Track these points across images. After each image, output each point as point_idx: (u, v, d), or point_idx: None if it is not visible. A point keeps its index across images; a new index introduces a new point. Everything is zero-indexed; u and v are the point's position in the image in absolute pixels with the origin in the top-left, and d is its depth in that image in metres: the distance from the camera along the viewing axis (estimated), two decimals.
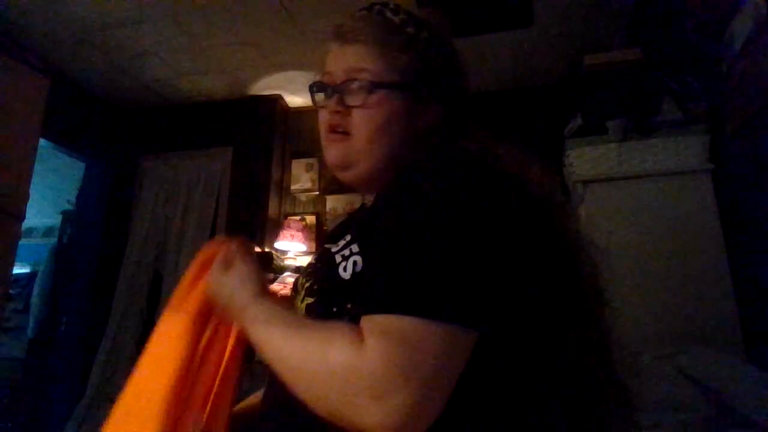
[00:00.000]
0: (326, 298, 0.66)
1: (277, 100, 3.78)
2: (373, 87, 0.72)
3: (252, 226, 3.54)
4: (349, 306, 0.62)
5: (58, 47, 3.20)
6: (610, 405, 0.65)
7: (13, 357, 4.21)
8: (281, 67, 3.43)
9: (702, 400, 1.19)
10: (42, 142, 3.00)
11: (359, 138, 0.72)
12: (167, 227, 3.68)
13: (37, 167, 2.81)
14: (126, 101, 3.90)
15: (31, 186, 2.76)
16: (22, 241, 2.80)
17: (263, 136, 3.73)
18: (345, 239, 0.70)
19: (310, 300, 0.67)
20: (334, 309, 0.63)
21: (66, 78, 3.52)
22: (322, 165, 3.73)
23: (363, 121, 0.72)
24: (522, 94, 3.48)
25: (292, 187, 3.74)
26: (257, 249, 3.37)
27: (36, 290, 4.21)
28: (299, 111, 3.92)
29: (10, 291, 3.89)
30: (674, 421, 1.15)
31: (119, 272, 3.60)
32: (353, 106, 0.72)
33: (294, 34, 3.07)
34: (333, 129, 0.75)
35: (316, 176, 3.72)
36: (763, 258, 1.55)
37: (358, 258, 0.65)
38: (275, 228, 3.55)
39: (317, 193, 3.70)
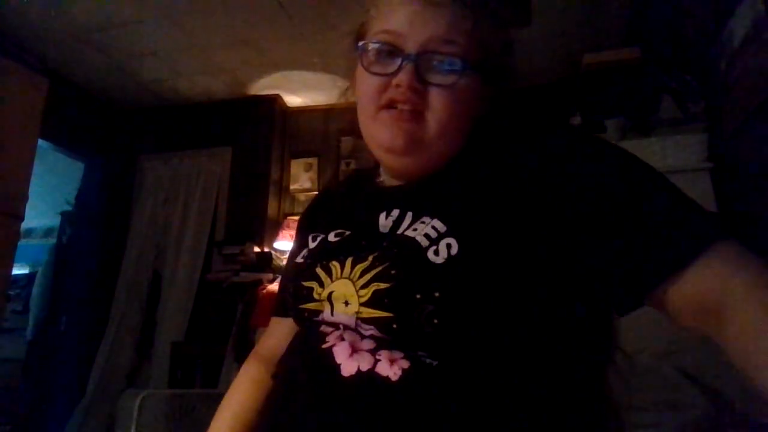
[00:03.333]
0: (409, 283, 0.57)
1: (276, 99, 3.77)
2: (466, 67, 0.61)
3: (251, 226, 3.54)
4: (437, 294, 0.55)
5: (57, 47, 3.20)
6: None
7: (12, 358, 4.20)
8: (280, 66, 3.43)
9: (702, 400, 1.19)
10: (41, 142, 2.99)
11: (436, 121, 0.62)
12: (166, 227, 3.68)
13: (36, 168, 2.80)
14: (125, 101, 3.90)
15: (30, 186, 2.75)
16: (22, 242, 2.79)
17: (262, 136, 3.73)
18: (407, 214, 0.63)
19: (380, 285, 0.58)
20: (418, 296, 0.55)
21: (65, 78, 3.52)
22: (321, 164, 3.73)
23: (445, 104, 0.61)
24: (521, 93, 3.47)
25: (291, 187, 3.74)
26: (256, 249, 3.38)
27: (35, 291, 4.21)
28: (298, 111, 3.92)
29: (9, 292, 3.89)
30: (674, 421, 1.15)
31: (119, 273, 3.60)
32: (438, 85, 0.61)
33: (293, 34, 3.06)
34: (394, 104, 0.63)
35: (315, 176, 3.72)
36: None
37: (452, 241, 0.57)
38: (274, 228, 3.55)
39: (316, 192, 3.69)
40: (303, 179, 3.74)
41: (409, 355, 0.57)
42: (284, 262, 3.30)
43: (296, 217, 3.54)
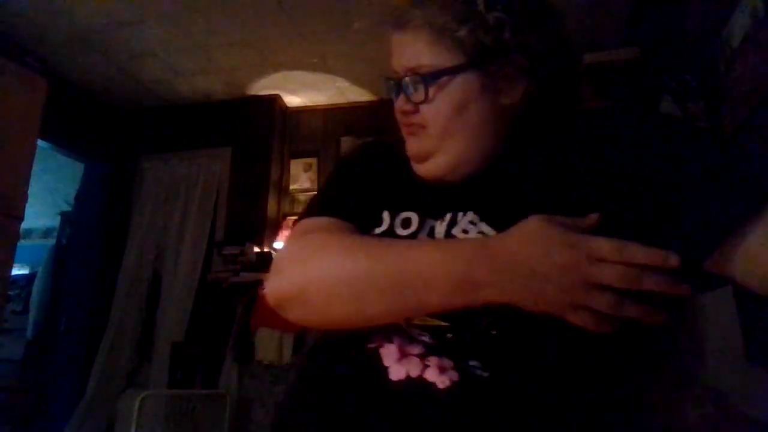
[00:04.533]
0: None
1: (275, 99, 3.77)
2: (430, 79, 0.66)
3: (251, 226, 3.54)
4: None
5: (56, 48, 3.20)
6: None
7: (12, 358, 4.20)
8: (279, 66, 3.43)
9: (702, 399, 1.19)
10: (41, 142, 2.99)
11: (433, 130, 0.67)
12: (166, 228, 3.67)
13: (35, 168, 2.80)
14: (125, 102, 3.90)
15: (30, 187, 2.75)
16: (21, 242, 2.79)
17: (262, 136, 3.73)
18: (475, 224, 0.64)
19: None
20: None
21: (65, 79, 3.51)
22: (321, 165, 3.73)
23: (431, 114, 0.67)
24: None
25: (291, 187, 3.74)
26: (256, 249, 3.38)
27: (35, 291, 4.21)
28: (298, 111, 3.92)
29: (9, 292, 3.88)
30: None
31: (118, 273, 3.60)
32: (418, 103, 0.68)
33: (292, 34, 3.06)
34: (405, 125, 0.71)
35: (314, 176, 3.72)
36: None
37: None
38: (274, 228, 3.55)
39: (314, 192, 3.69)
40: (303, 179, 3.74)
41: (460, 365, 0.56)
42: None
43: (296, 218, 3.54)
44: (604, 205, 0.56)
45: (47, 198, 5.09)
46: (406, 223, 0.68)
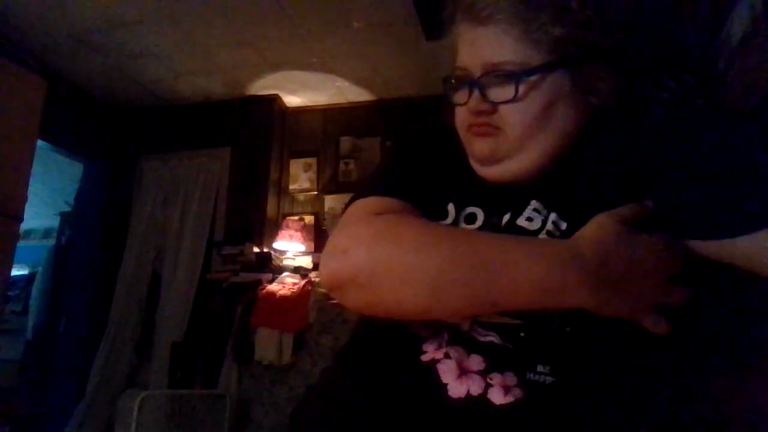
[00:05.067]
0: None
1: (275, 99, 3.77)
2: (522, 77, 0.61)
3: (250, 226, 3.54)
4: None
5: (55, 48, 3.20)
6: None
7: (12, 359, 4.20)
8: (279, 66, 3.43)
9: None
10: (40, 143, 2.99)
11: (513, 133, 0.63)
12: (166, 228, 3.67)
13: (35, 168, 2.80)
14: (124, 102, 3.90)
15: (30, 187, 2.75)
16: (21, 243, 2.79)
17: (261, 136, 3.73)
18: (540, 212, 0.62)
19: None
20: None
21: (64, 79, 3.51)
22: (320, 164, 3.73)
23: (514, 116, 0.62)
24: None
25: (291, 187, 3.74)
26: (256, 249, 3.38)
27: (35, 292, 4.21)
28: (297, 110, 3.92)
29: (9, 293, 3.88)
30: None
31: (118, 273, 3.60)
32: (499, 103, 0.62)
33: (292, 34, 3.06)
34: (478, 127, 0.66)
35: (314, 176, 3.72)
36: None
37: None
38: (274, 228, 3.55)
39: (316, 192, 3.70)
40: (302, 179, 3.74)
41: (525, 378, 0.56)
42: (283, 263, 3.32)
43: (295, 217, 3.55)
44: (665, 196, 0.57)
45: (47, 198, 5.09)
46: (471, 218, 0.66)
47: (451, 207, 0.67)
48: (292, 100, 3.85)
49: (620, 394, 0.58)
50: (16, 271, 4.16)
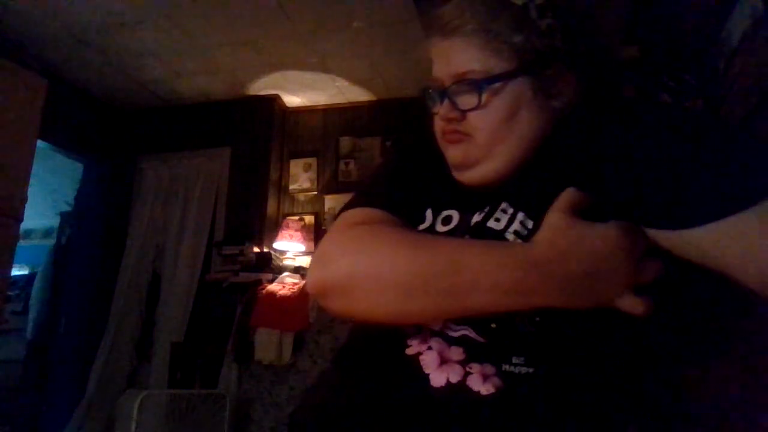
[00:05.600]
0: None
1: (275, 99, 3.77)
2: (484, 85, 0.65)
3: (250, 226, 3.54)
4: None
5: (55, 48, 3.20)
6: None
7: (12, 359, 4.20)
8: (279, 66, 3.43)
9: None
10: (40, 143, 2.99)
11: (481, 138, 0.67)
12: (166, 228, 3.68)
13: (35, 168, 2.80)
14: (124, 102, 3.90)
15: (30, 187, 2.75)
16: (21, 243, 2.79)
17: (261, 136, 3.73)
18: (506, 212, 0.64)
19: None
20: None
21: (64, 79, 3.51)
22: (320, 164, 3.74)
23: (481, 122, 0.66)
24: None
25: (291, 187, 3.74)
26: (256, 249, 3.38)
27: (35, 292, 4.20)
28: (297, 111, 3.92)
29: (9, 293, 3.89)
30: None
31: (118, 273, 3.60)
32: (466, 110, 0.66)
33: (292, 34, 3.07)
34: (449, 134, 0.70)
35: (314, 176, 3.72)
36: None
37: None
38: (274, 228, 3.55)
39: (316, 192, 3.70)
40: (302, 179, 3.74)
41: (502, 370, 0.57)
42: (283, 263, 3.32)
43: (295, 217, 3.55)
44: (627, 192, 0.58)
45: (47, 198, 5.09)
46: (447, 220, 0.69)
47: (428, 212, 0.70)
48: (292, 100, 3.85)
49: (599, 382, 0.58)
50: (16, 271, 4.18)
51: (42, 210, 5.21)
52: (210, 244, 3.55)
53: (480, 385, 0.56)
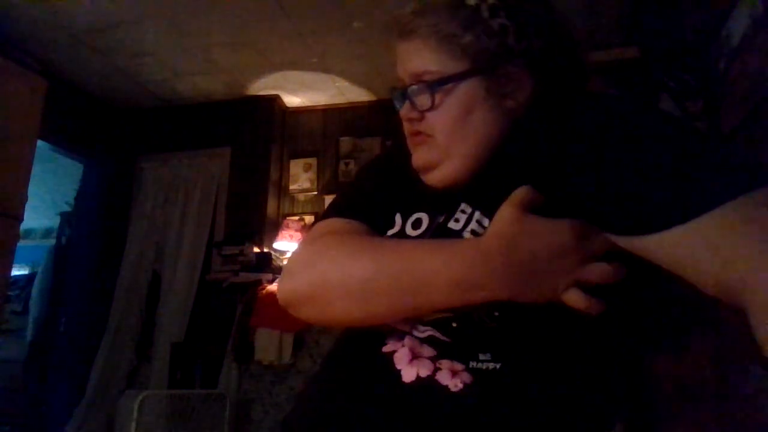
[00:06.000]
0: None
1: (275, 100, 3.77)
2: (436, 86, 0.66)
3: (250, 226, 3.54)
4: None
5: (55, 48, 3.20)
6: None
7: (12, 359, 4.20)
8: (279, 67, 3.43)
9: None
10: (40, 143, 3.00)
11: (440, 137, 0.68)
12: (166, 228, 3.68)
13: (35, 168, 2.80)
14: (124, 102, 3.90)
15: (30, 187, 2.76)
16: (21, 243, 2.79)
17: (261, 137, 3.73)
18: (465, 212, 0.65)
19: None
20: None
21: (64, 79, 3.51)
22: (320, 165, 3.74)
23: (437, 121, 0.68)
24: None
25: (291, 187, 3.74)
26: (256, 249, 3.38)
27: (35, 292, 4.21)
28: (297, 111, 3.92)
29: (9, 293, 3.89)
30: None
31: (118, 273, 3.60)
32: (424, 111, 0.68)
33: (292, 34, 3.07)
34: (412, 135, 0.71)
35: (314, 176, 3.72)
36: None
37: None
38: (274, 228, 3.55)
39: (316, 193, 3.70)
40: (302, 179, 3.74)
41: (471, 366, 0.58)
42: (283, 263, 3.32)
43: (295, 218, 3.55)
44: (583, 195, 0.57)
45: (47, 198, 5.09)
46: (417, 223, 0.70)
47: (398, 217, 0.72)
48: (292, 100, 3.85)
49: (565, 375, 0.58)
50: (16, 271, 4.17)
51: (42, 210, 5.21)
52: (210, 244, 3.55)
53: (449, 380, 0.57)
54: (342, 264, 0.64)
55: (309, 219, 3.60)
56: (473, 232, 0.62)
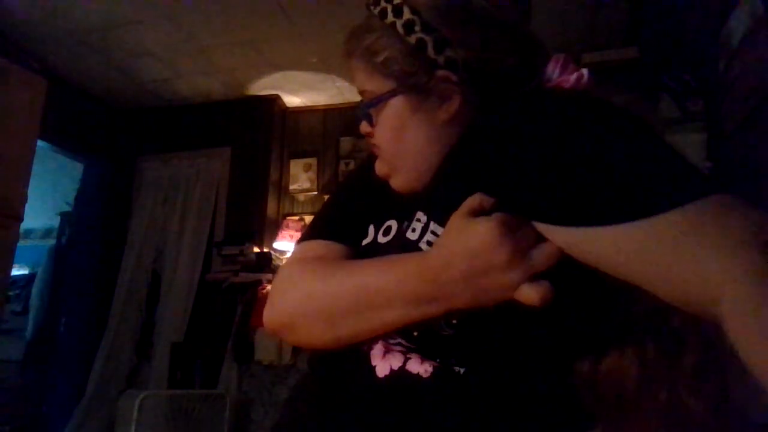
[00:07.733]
0: None
1: (275, 100, 3.78)
2: (371, 105, 0.70)
3: (250, 226, 3.54)
4: None
5: (55, 48, 3.20)
6: None
7: (11, 359, 4.20)
8: (279, 67, 3.43)
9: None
10: (40, 143, 3.00)
11: (384, 153, 0.72)
12: (166, 228, 3.68)
13: (35, 168, 2.80)
14: (124, 102, 3.90)
15: (30, 187, 2.76)
16: (21, 243, 2.79)
17: (261, 137, 3.73)
18: (420, 221, 0.64)
19: None
20: None
21: (64, 79, 3.52)
22: (321, 165, 3.74)
23: (379, 138, 0.71)
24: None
25: (291, 187, 3.74)
26: (256, 249, 3.38)
27: (35, 292, 4.21)
28: (297, 111, 3.92)
29: (9, 293, 3.89)
30: None
31: (118, 273, 3.60)
32: (372, 126, 0.72)
33: (292, 34, 3.07)
34: (373, 147, 0.75)
35: (314, 176, 3.72)
36: None
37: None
38: (274, 228, 3.55)
39: (316, 192, 3.70)
40: (302, 179, 3.74)
41: (438, 361, 0.59)
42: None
43: (295, 218, 3.55)
44: (535, 193, 0.55)
45: (47, 198, 5.09)
46: (387, 231, 0.71)
47: (371, 228, 0.73)
48: (292, 100, 3.85)
49: (535, 377, 0.58)
50: (16, 271, 4.17)
51: (42, 210, 5.20)
52: (210, 244, 3.55)
53: (418, 366, 0.59)
54: (310, 288, 0.66)
55: (309, 219, 3.60)
56: (429, 243, 0.62)
